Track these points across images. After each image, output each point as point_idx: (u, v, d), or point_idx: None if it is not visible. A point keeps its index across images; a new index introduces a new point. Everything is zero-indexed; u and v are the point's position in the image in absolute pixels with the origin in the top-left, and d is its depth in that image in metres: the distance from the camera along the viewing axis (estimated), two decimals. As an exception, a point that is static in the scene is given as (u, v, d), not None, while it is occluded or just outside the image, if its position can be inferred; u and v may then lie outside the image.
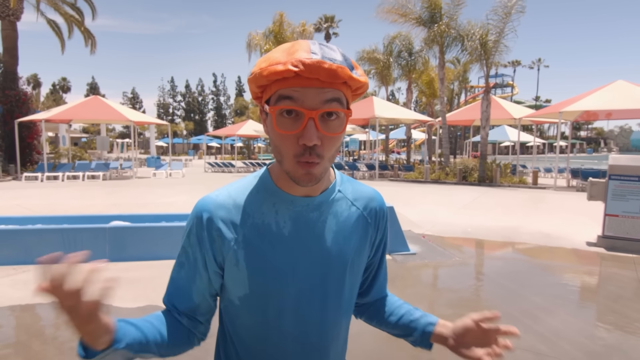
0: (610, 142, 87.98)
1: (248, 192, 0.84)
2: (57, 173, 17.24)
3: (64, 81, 70.77)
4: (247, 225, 0.81)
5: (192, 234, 0.83)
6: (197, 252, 0.83)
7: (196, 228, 0.82)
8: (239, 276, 0.82)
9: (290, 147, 0.74)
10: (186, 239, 0.84)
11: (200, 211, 0.82)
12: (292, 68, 0.70)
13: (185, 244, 0.84)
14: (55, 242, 5.15)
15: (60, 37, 21.69)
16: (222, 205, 0.82)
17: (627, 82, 14.37)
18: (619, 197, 6.28)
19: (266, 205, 0.83)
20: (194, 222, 0.83)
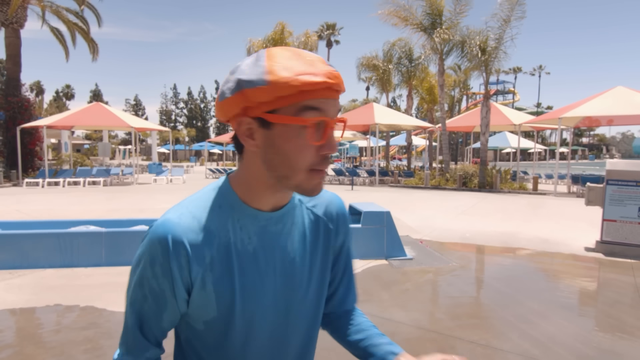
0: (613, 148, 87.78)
1: (210, 208, 0.78)
2: (58, 179, 17.30)
3: (68, 88, 71.29)
4: (213, 246, 0.76)
5: (157, 264, 0.73)
6: (164, 283, 0.74)
7: (162, 257, 0.73)
8: (207, 300, 0.77)
9: (308, 159, 0.72)
10: (148, 269, 0.74)
11: (165, 237, 0.73)
12: (329, 80, 0.69)
13: (148, 275, 0.74)
14: (52, 247, 5.16)
15: (64, 45, 21.89)
16: (188, 228, 0.74)
17: (626, 88, 14.37)
18: (616, 202, 6.25)
19: (230, 221, 0.78)
20: (158, 250, 0.73)
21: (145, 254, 0.75)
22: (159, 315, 0.78)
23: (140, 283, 0.76)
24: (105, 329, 3.57)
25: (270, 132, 0.71)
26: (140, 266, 0.76)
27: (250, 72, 0.69)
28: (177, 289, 0.75)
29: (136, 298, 0.78)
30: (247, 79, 0.69)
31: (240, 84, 0.69)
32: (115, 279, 4.82)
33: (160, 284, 0.75)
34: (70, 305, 4.04)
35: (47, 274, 4.94)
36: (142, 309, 0.78)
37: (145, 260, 0.75)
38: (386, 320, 3.76)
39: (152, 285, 0.75)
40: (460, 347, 3.27)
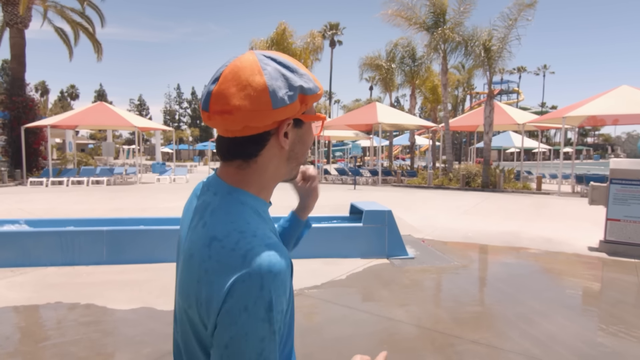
0: (618, 148, 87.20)
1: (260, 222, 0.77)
2: (62, 178, 17.38)
3: (72, 88, 71.57)
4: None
5: (287, 288, 0.71)
6: (288, 300, 0.73)
7: (288, 279, 0.72)
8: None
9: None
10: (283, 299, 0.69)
11: (289, 260, 0.72)
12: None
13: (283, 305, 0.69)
14: (53, 245, 5.18)
15: (68, 44, 21.99)
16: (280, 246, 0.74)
17: (631, 87, 14.27)
18: (620, 201, 6.21)
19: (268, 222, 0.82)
20: (287, 275, 0.70)
21: (276, 289, 0.67)
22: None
23: (279, 320, 0.69)
24: (106, 327, 3.58)
25: (300, 130, 0.81)
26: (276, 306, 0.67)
27: (302, 80, 0.77)
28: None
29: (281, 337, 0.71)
30: (307, 87, 0.77)
31: (303, 90, 0.76)
32: (116, 277, 4.83)
33: (288, 305, 0.73)
34: (71, 303, 4.05)
35: (48, 271, 4.96)
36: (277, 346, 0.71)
37: (279, 295, 0.68)
38: (387, 319, 3.75)
39: (285, 310, 0.72)
40: (460, 346, 3.25)
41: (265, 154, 0.78)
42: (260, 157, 0.78)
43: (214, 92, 0.74)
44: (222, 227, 0.72)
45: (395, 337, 3.44)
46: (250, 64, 0.74)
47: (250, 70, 0.73)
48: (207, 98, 0.74)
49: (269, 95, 0.72)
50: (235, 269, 0.66)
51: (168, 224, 6.02)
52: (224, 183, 0.79)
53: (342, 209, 9.26)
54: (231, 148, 0.78)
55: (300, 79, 0.76)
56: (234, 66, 0.74)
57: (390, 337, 3.44)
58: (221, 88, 0.73)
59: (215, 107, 0.73)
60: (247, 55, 0.77)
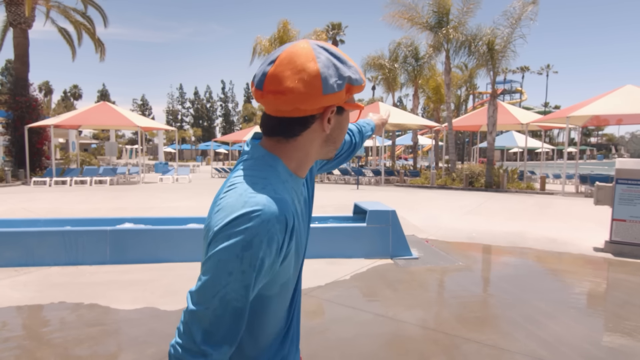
0: (621, 148, 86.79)
1: (282, 184, 0.83)
2: (65, 178, 17.42)
3: (75, 88, 71.76)
4: (295, 216, 0.82)
5: (274, 242, 0.74)
6: (276, 260, 0.77)
7: (280, 234, 0.75)
8: (289, 264, 0.83)
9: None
10: (266, 249, 0.73)
11: (283, 215, 0.75)
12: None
13: (263, 255, 0.73)
14: (57, 244, 5.17)
15: (71, 44, 22.05)
16: (288, 204, 0.79)
17: (636, 86, 14.19)
18: (626, 201, 6.16)
19: (293, 192, 0.86)
20: (277, 229, 0.74)
21: (261, 234, 0.72)
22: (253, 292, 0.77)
23: (255, 266, 0.73)
24: (110, 327, 3.56)
25: (341, 117, 0.87)
26: (254, 248, 0.72)
27: (350, 71, 0.82)
28: (280, 262, 0.79)
29: (249, 283, 0.74)
30: (355, 78, 0.83)
31: (350, 81, 0.82)
32: (120, 276, 4.82)
33: (272, 260, 0.76)
34: (74, 302, 4.04)
35: (52, 271, 4.96)
36: (253, 292, 0.76)
37: (261, 241, 0.72)
38: (391, 320, 3.72)
39: (266, 264, 0.75)
40: (466, 347, 3.22)
41: (306, 135, 0.84)
42: (301, 137, 0.84)
43: (270, 72, 0.79)
44: (242, 177, 0.81)
45: (401, 338, 3.41)
46: (305, 51, 0.79)
47: (305, 57, 0.78)
48: (262, 78, 0.80)
49: (321, 82, 0.78)
50: (234, 210, 0.74)
51: (172, 223, 6.01)
52: (260, 148, 0.86)
53: (345, 208, 9.23)
54: (277, 127, 0.84)
55: (348, 70, 0.82)
56: (290, 52, 0.79)
57: (395, 338, 3.41)
58: (277, 70, 0.78)
59: (270, 87, 0.78)
60: (302, 43, 0.82)
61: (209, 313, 0.73)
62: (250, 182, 0.78)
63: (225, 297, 0.73)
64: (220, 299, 0.73)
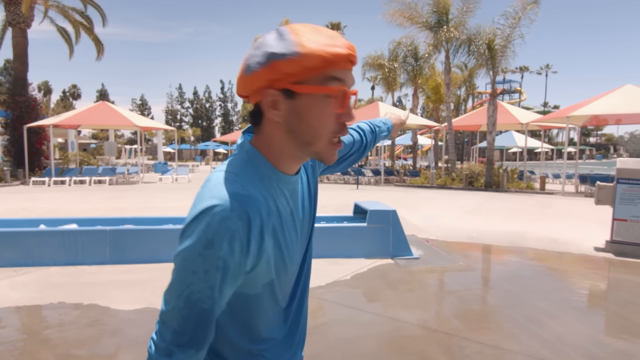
0: (620, 148, 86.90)
1: (258, 179, 0.78)
2: (64, 178, 17.38)
3: (74, 88, 71.64)
4: (273, 214, 0.78)
5: (236, 240, 0.69)
6: (241, 259, 0.72)
7: (242, 232, 0.70)
8: (268, 265, 0.79)
9: (330, 126, 0.77)
10: (226, 248, 0.69)
11: (245, 212, 0.71)
12: (351, 52, 0.74)
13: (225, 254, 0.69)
14: (56, 244, 5.15)
15: (69, 43, 22.00)
16: (257, 200, 0.74)
17: (635, 86, 14.19)
18: (627, 201, 6.15)
19: (274, 189, 0.81)
20: (238, 226, 0.70)
21: (221, 232, 0.69)
22: (226, 295, 0.75)
23: (218, 266, 0.70)
24: (109, 327, 3.54)
25: (295, 102, 0.75)
26: (215, 247, 0.69)
27: (278, 45, 0.72)
28: (249, 262, 0.74)
29: (214, 284, 0.71)
30: (277, 52, 0.72)
31: (270, 56, 0.72)
32: (120, 276, 4.80)
33: (237, 261, 0.72)
34: (74, 303, 4.02)
35: (51, 271, 4.93)
36: (220, 294, 0.73)
37: (221, 239, 0.69)
38: (393, 320, 3.70)
39: (229, 265, 0.71)
40: (468, 347, 3.21)
41: (266, 125, 0.79)
42: (263, 126, 0.80)
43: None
44: (218, 172, 0.78)
45: (402, 338, 3.39)
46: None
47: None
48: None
49: (245, 63, 0.75)
50: (197, 206, 0.72)
51: (172, 223, 5.99)
52: (247, 142, 0.83)
53: (346, 208, 9.21)
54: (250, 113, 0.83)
55: (279, 45, 0.72)
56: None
57: (397, 338, 3.39)
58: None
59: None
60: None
61: (176, 313, 0.72)
62: (223, 177, 0.76)
63: (190, 297, 0.71)
64: (185, 299, 0.71)
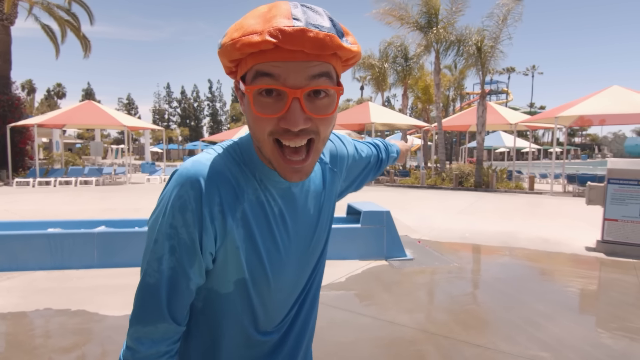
0: (605, 148, 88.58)
1: (237, 162, 0.71)
2: (49, 178, 17.01)
3: (59, 87, 70.38)
4: (244, 200, 0.70)
5: (188, 210, 0.64)
6: (194, 233, 0.65)
7: (194, 202, 0.64)
8: (237, 258, 0.70)
9: (266, 129, 0.64)
10: (178, 217, 0.64)
11: (197, 180, 0.65)
12: (270, 39, 0.58)
13: (177, 223, 0.65)
14: (42, 248, 4.99)
15: (55, 42, 21.57)
16: (220, 174, 0.67)
17: (622, 87, 14.39)
18: (618, 201, 6.19)
19: (256, 180, 0.72)
20: (190, 195, 0.64)
21: (173, 199, 0.65)
22: (187, 275, 0.68)
23: (167, 234, 0.65)
24: (98, 334, 3.42)
25: (245, 101, 0.67)
26: (167, 214, 0.65)
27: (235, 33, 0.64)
28: (206, 240, 0.66)
29: (162, 254, 0.66)
30: (221, 41, 0.65)
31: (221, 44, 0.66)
32: (108, 281, 4.66)
33: (190, 233, 0.65)
34: (61, 309, 3.88)
35: (37, 276, 4.77)
36: (171, 269, 0.67)
37: (174, 207, 0.65)
38: (389, 324, 3.65)
39: (182, 236, 0.65)
40: (468, 351, 3.16)
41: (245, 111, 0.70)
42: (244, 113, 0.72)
43: None
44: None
45: (401, 342, 3.34)
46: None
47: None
48: None
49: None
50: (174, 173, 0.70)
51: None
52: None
53: (338, 209, 9.15)
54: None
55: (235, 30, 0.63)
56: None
57: (395, 342, 3.34)
58: None
59: None
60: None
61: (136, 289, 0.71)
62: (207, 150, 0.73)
63: (143, 270, 0.69)
64: (142, 273, 0.69)
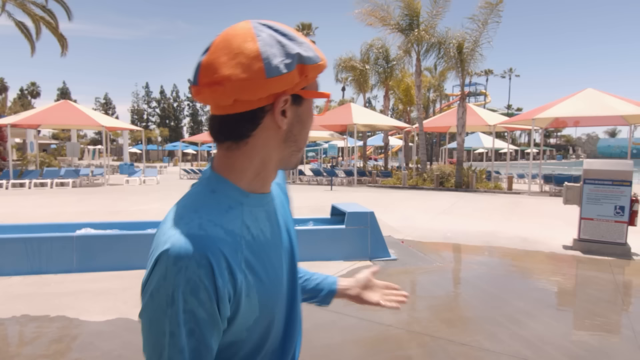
0: (579, 149, 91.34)
1: (223, 211, 0.69)
2: (23, 180, 16.51)
3: (33, 86, 68.38)
4: (243, 247, 0.68)
5: (201, 290, 0.61)
6: (212, 308, 0.63)
7: (206, 280, 0.61)
8: (250, 305, 0.69)
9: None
10: (193, 301, 0.61)
11: (204, 256, 0.62)
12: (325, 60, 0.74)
13: (193, 307, 0.61)
14: (18, 252, 4.83)
15: (30, 39, 20.95)
16: (218, 238, 0.65)
17: (596, 90, 14.85)
18: (593, 200, 6.38)
19: (246, 218, 0.71)
20: (200, 274, 0.61)
21: (179, 285, 0.60)
22: (210, 348, 0.65)
23: (183, 321, 0.61)
24: (79, 341, 3.33)
25: (300, 109, 0.72)
26: (177, 303, 0.61)
27: (300, 48, 0.68)
28: (223, 307, 0.64)
29: (182, 345, 0.62)
30: (306, 55, 0.68)
31: (302, 59, 0.67)
32: (88, 285, 4.55)
33: (208, 309, 0.63)
34: (39, 315, 3.77)
35: (13, 281, 4.62)
36: (194, 350, 0.64)
37: (185, 293, 0.61)
38: (376, 324, 3.67)
39: (200, 316, 0.62)
40: (453, 350, 3.21)
41: (258, 135, 0.70)
42: (252, 138, 0.70)
43: (204, 62, 0.67)
44: (175, 211, 0.69)
45: (387, 342, 3.36)
46: (243, 31, 0.67)
47: (242, 37, 0.66)
48: (196, 70, 0.68)
49: (263, 62, 0.65)
50: (154, 253, 0.63)
51: (142, 228, 5.75)
52: (209, 169, 0.75)
53: (322, 209, 9.16)
54: (222, 127, 0.70)
55: (298, 47, 0.68)
56: (226, 34, 0.68)
57: (382, 342, 3.36)
58: (211, 58, 0.66)
59: (205, 79, 0.66)
60: (242, 23, 0.69)
61: None
62: (180, 215, 0.66)
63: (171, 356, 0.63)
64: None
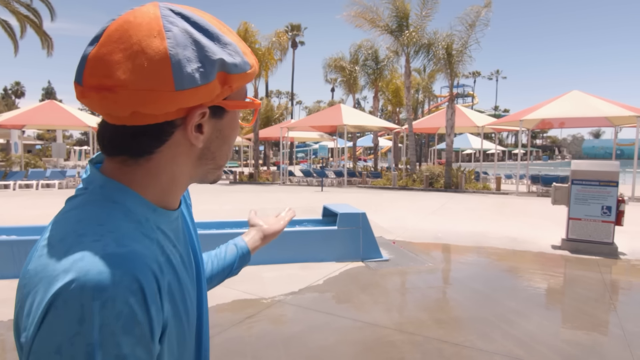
0: (564, 149, 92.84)
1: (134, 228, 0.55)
2: (7, 182, 16.19)
3: (17, 85, 67.24)
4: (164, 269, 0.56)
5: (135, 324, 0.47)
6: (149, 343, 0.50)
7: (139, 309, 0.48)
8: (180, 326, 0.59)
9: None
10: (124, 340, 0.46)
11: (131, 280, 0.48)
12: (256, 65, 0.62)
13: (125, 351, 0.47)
14: (4, 255, 4.73)
15: (14, 38, 20.58)
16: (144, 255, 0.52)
17: (581, 92, 15.09)
18: (581, 201, 6.48)
19: (158, 234, 0.59)
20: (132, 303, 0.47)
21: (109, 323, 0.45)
22: None
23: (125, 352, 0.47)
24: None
25: (221, 122, 0.60)
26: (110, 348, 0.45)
27: (224, 51, 0.55)
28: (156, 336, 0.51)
29: None
30: (231, 62, 0.55)
31: (225, 66, 0.54)
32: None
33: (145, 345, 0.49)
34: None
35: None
36: None
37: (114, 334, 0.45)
38: (370, 325, 3.67)
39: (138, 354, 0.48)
40: (447, 350, 3.22)
41: (165, 152, 0.57)
42: (157, 154, 0.56)
43: (91, 57, 0.51)
44: (63, 228, 0.52)
45: (381, 344, 3.36)
46: (149, 20, 0.52)
47: (147, 30, 0.51)
48: (80, 65, 0.52)
49: (171, 70, 0.50)
50: (50, 286, 0.45)
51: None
52: (98, 174, 0.57)
53: (312, 211, 9.14)
54: (115, 140, 0.55)
55: (222, 50, 0.54)
56: (125, 21, 0.52)
57: (376, 343, 3.36)
58: (101, 52, 0.51)
59: (91, 80, 0.51)
60: (148, 6, 0.54)
61: None
62: (76, 230, 0.50)
63: None
64: None
